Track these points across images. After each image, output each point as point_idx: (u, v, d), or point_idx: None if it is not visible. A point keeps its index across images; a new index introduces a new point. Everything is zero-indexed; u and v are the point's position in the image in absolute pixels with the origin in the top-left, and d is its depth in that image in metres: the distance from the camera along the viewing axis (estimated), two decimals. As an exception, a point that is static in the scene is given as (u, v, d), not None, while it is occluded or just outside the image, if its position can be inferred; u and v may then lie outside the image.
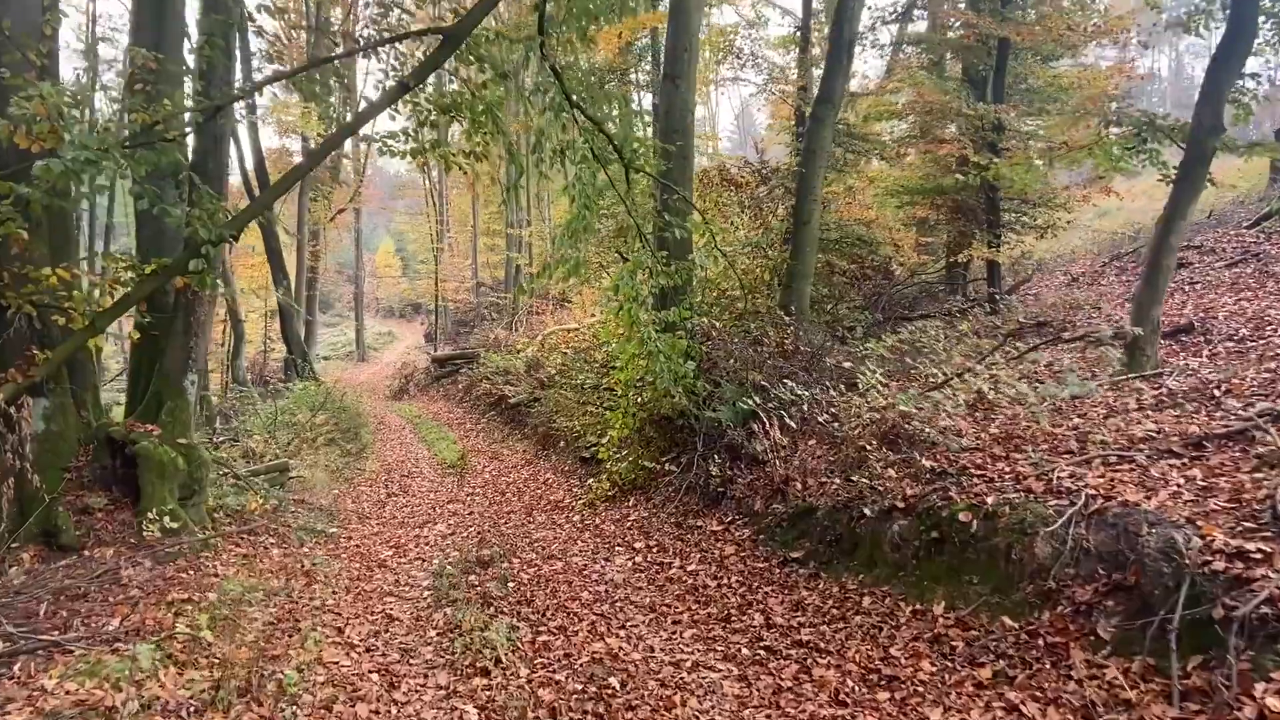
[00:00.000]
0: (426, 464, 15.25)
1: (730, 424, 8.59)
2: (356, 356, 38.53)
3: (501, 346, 23.72)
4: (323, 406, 17.44)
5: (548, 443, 14.52)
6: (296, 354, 23.07)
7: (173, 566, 6.68)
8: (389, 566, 8.24)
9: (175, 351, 7.49)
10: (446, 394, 24.15)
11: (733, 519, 7.65)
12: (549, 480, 12.20)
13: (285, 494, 10.33)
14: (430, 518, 10.81)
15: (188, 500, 7.46)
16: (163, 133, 6.90)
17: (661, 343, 8.70)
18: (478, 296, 34.87)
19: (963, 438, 6.58)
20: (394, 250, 56.40)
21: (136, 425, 7.34)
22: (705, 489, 8.26)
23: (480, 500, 11.70)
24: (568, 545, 8.16)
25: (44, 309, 6.76)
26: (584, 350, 15.99)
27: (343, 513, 10.85)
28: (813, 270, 11.71)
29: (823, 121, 11.56)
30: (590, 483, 10.70)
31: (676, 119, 11.38)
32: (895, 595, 5.58)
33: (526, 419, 16.74)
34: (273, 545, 8.11)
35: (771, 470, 7.55)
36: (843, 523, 6.39)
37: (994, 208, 14.46)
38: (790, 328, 9.88)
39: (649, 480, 9.57)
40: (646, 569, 7.08)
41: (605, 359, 14.64)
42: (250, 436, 14.26)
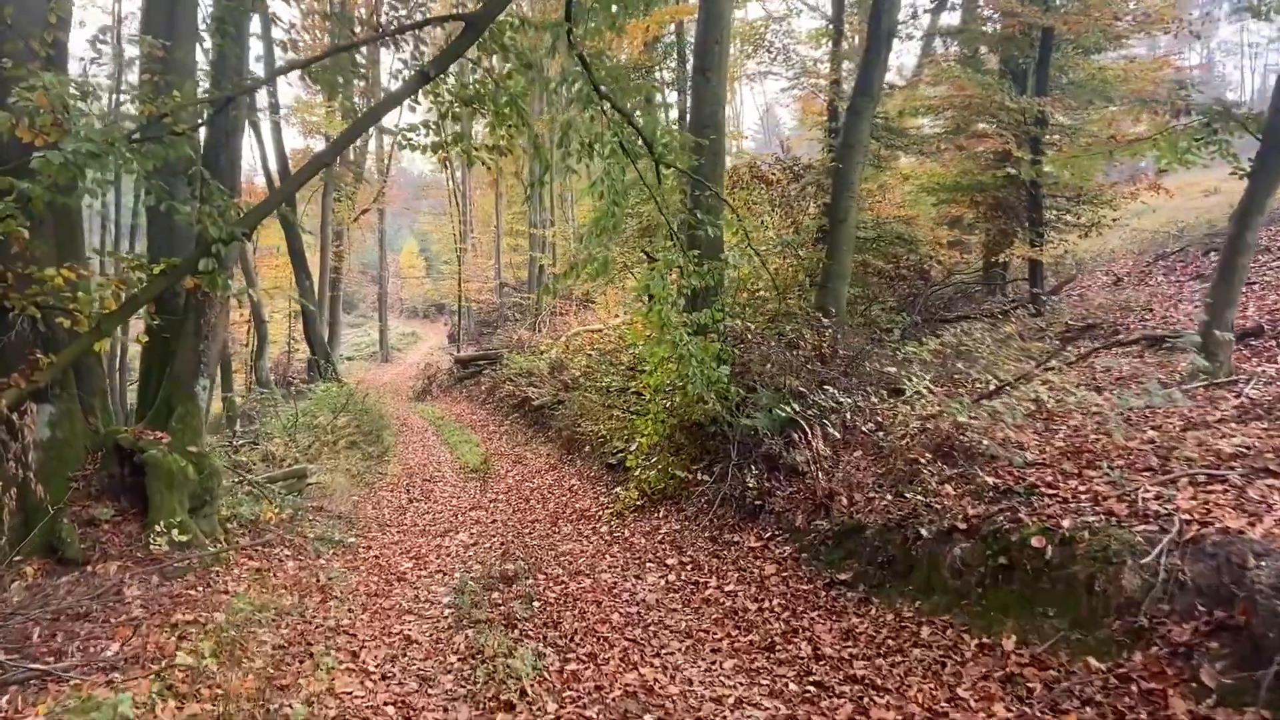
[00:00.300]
0: (449, 468, 14.87)
1: (767, 432, 8.09)
2: (380, 357, 38.35)
3: (525, 347, 23.33)
4: (344, 408, 17.12)
5: (572, 447, 14.08)
6: (319, 355, 22.82)
7: (180, 583, 6.30)
8: (408, 580, 7.82)
9: (186, 355, 7.12)
10: (469, 395, 23.81)
11: (772, 535, 7.15)
12: (574, 487, 11.75)
13: (303, 501, 9.96)
14: (452, 526, 10.40)
15: (199, 511, 7.08)
16: (171, 125, 6.54)
17: (694, 346, 8.23)
18: (501, 297, 34.55)
19: (1026, 451, 6.03)
20: (418, 251, 56.28)
21: (145, 432, 6.97)
22: (741, 501, 7.76)
23: (503, 507, 11.27)
24: (596, 560, 7.69)
25: (48, 311, 6.41)
26: (610, 352, 15.52)
27: (362, 520, 10.47)
28: (850, 270, 11.17)
29: (860, 114, 11.02)
30: (618, 491, 10.23)
31: (707, 113, 10.90)
32: (958, 626, 5.06)
33: (550, 422, 16.32)
34: (288, 557, 7.71)
35: (813, 483, 7.05)
36: (895, 543, 5.87)
37: (1036, 205, 13.83)
38: (828, 330, 9.36)
39: (680, 490, 9.09)
40: (681, 589, 6.60)
41: (632, 361, 14.18)
42: (270, 440, 13.95)
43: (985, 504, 5.48)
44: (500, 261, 37.21)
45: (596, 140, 7.75)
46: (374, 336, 41.24)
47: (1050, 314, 12.35)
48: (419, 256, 55.80)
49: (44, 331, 6.44)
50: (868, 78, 10.98)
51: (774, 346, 9.09)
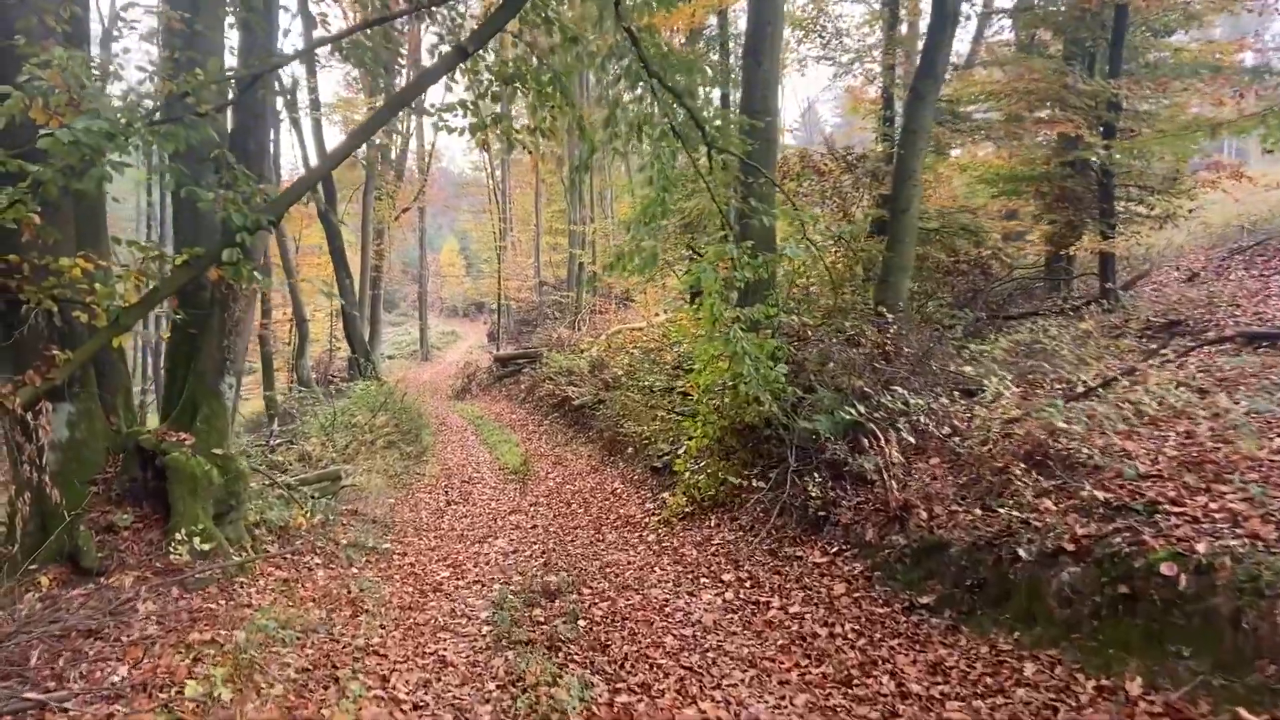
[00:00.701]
0: (488, 468, 14.39)
1: (829, 436, 7.42)
2: (420, 356, 38.19)
3: (564, 346, 22.84)
4: (383, 407, 16.74)
5: (614, 448, 13.51)
6: (359, 353, 22.54)
7: (201, 595, 5.82)
8: (444, 591, 7.30)
9: (210, 351, 6.65)
10: (509, 394, 23.39)
11: (839, 549, 6.47)
12: (618, 491, 11.16)
13: (336, 504, 9.51)
14: (491, 531, 9.87)
15: (224, 516, 6.62)
16: (194, 105, 6.07)
17: (747, 343, 7.59)
18: (540, 295, 34.14)
19: (1135, 461, 5.29)
20: (458, 250, 56.22)
21: (168, 433, 6.52)
22: (803, 511, 7.10)
23: (544, 511, 10.73)
24: (644, 573, 7.09)
25: (66, 304, 5.97)
26: (653, 350, 14.90)
27: (398, 524, 9.99)
28: (912, 263, 10.43)
29: (924, 98, 10.26)
30: (665, 497, 9.62)
31: (759, 98, 10.24)
32: (1069, 664, 4.36)
33: (591, 422, 15.78)
34: (318, 566, 7.23)
35: (885, 493, 6.36)
36: (986, 564, 5.17)
37: (1108, 194, 12.91)
38: (893, 327, 8.64)
39: (732, 497, 8.45)
40: (740, 608, 5.96)
41: (676, 360, 13.56)
42: (307, 439, 13.59)
43: (1096, 522, 4.76)
44: (540, 260, 36.79)
45: (645, 122, 7.16)
46: (414, 335, 41.12)
47: (1126, 310, 11.47)
48: (459, 255, 55.73)
49: (60, 326, 6.00)
50: (931, 59, 10.22)
51: (835, 344, 8.40)
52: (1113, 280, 13.10)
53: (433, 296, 49.52)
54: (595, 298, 29.46)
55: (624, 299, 31.05)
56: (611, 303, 29.85)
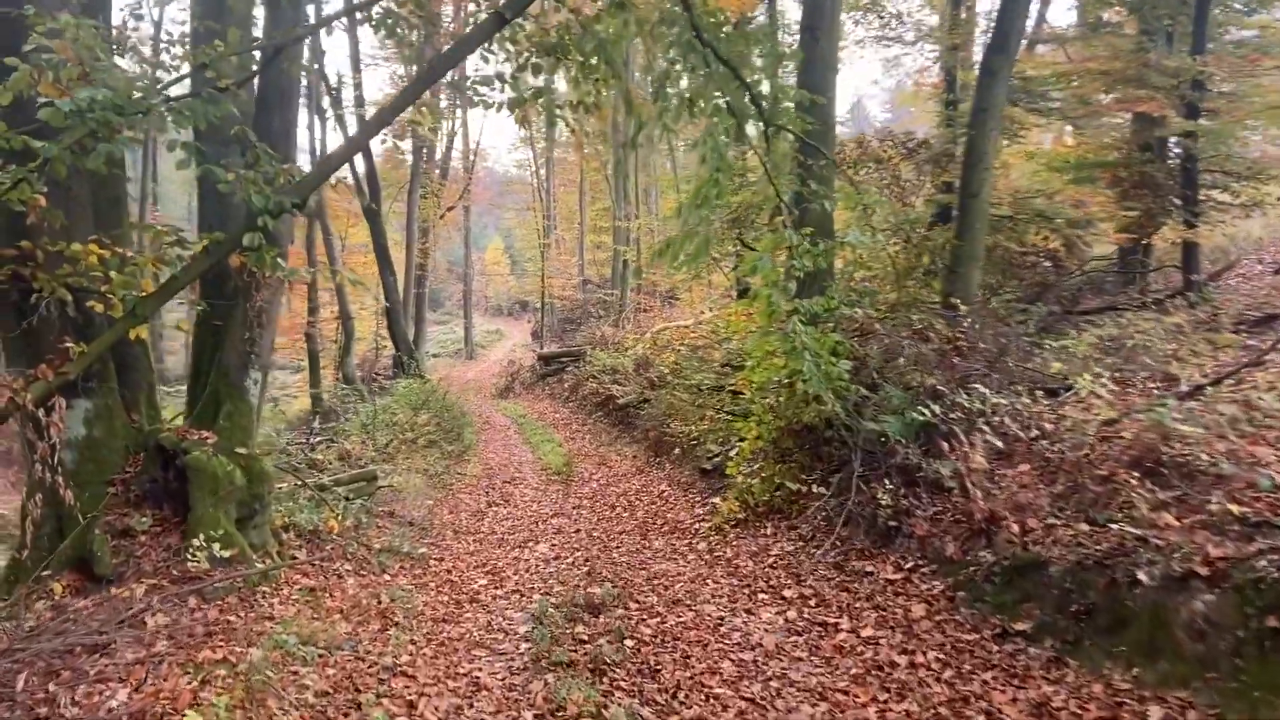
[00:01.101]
0: (530, 468, 13.91)
1: (900, 438, 6.72)
2: (465, 354, 38.06)
3: (608, 344, 22.32)
4: (425, 405, 16.37)
5: (660, 448, 12.91)
6: (403, 351, 22.29)
7: (219, 606, 5.36)
8: (481, 601, 6.77)
9: (234, 345, 6.21)
10: (552, 392, 22.96)
11: (914, 565, 5.78)
12: (665, 494, 10.56)
13: (372, 505, 9.06)
14: (532, 535, 9.35)
15: (248, 520, 6.17)
16: (214, 80, 5.63)
17: (808, 337, 6.93)
18: (584, 293, 33.70)
19: (1270, 470, 4.53)
20: (503, 248, 56.13)
21: (190, 431, 6.10)
22: (872, 521, 6.41)
23: (587, 515, 10.18)
24: (696, 586, 6.47)
25: (81, 294, 5.57)
26: (700, 348, 14.24)
27: (436, 527, 9.52)
28: (983, 252, 9.65)
29: (996, 75, 9.48)
30: (716, 502, 8.98)
31: (816, 77, 9.55)
32: (1204, 708, 3.64)
33: (636, 421, 15.21)
34: (348, 573, 6.76)
35: (968, 502, 5.65)
36: (1096, 587, 4.45)
37: (1191, 180, 11.95)
38: (967, 320, 7.90)
39: (789, 503, 7.79)
40: (805, 630, 5.31)
41: (725, 357, 12.92)
42: (348, 437, 13.24)
43: (1233, 541, 4.02)
44: (584, 258, 36.38)
45: (698, 96, 6.55)
46: (459, 334, 41.02)
47: (1214, 304, 10.52)
48: (504, 254, 55.64)
49: (75, 317, 5.61)
50: (1004, 32, 9.43)
51: (905, 339, 7.68)
52: (1196, 272, 12.13)
53: (477, 295, 49.47)
54: (640, 295, 28.90)
55: (669, 296, 30.43)
56: (656, 300, 29.26)
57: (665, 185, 31.52)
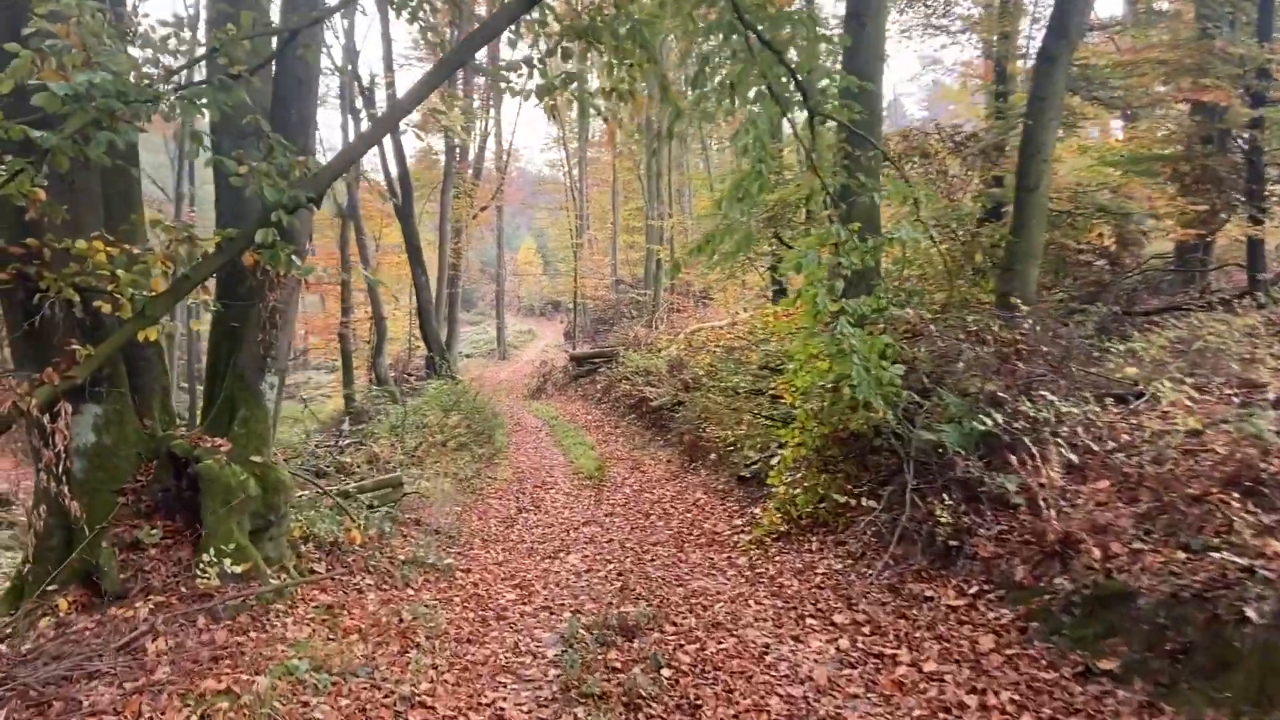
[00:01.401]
0: (561, 472, 13.51)
1: (958, 449, 6.18)
2: (497, 354, 37.89)
3: (641, 345, 21.90)
4: (455, 407, 16.06)
5: (696, 453, 12.44)
6: (435, 352, 22.04)
7: (229, 626, 5.01)
8: (508, 619, 6.36)
9: (249, 347, 5.87)
10: (584, 394, 22.59)
11: (979, 590, 5.25)
12: (700, 502, 10.08)
13: (398, 513, 8.71)
14: (563, 544, 8.94)
15: (263, 532, 5.82)
16: (226, 66, 5.28)
17: (857, 339, 6.42)
18: (617, 293, 33.32)
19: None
20: (535, 249, 55.98)
21: (203, 438, 5.76)
22: (929, 540, 5.88)
23: (620, 523, 9.73)
24: (738, 607, 5.99)
25: (88, 293, 5.25)
26: (737, 349, 13.71)
27: (464, 535, 9.15)
28: (1041, 250, 9.03)
29: (1055, 61, 8.86)
30: (755, 512, 8.51)
31: (861, 65, 8.99)
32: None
33: (670, 424, 14.76)
34: (369, 588, 6.38)
35: (1039, 522, 5.11)
36: (1194, 623, 3.91)
37: (1258, 174, 11.20)
38: (1028, 320, 7.33)
39: (835, 516, 7.28)
40: (860, 662, 4.82)
41: (763, 360, 12.41)
42: (376, 440, 12.94)
43: (1369, 579, 3.47)
44: (616, 258, 36.01)
45: (740, 82, 6.08)
46: (492, 334, 40.87)
47: None
48: (536, 254, 55.49)
49: (83, 318, 5.29)
50: (1064, 16, 8.81)
51: (963, 341, 7.14)
52: (1263, 270, 11.39)
53: (510, 295, 49.35)
54: (673, 295, 28.45)
55: (702, 297, 29.94)
56: (690, 301, 28.79)
57: (699, 184, 31.06)
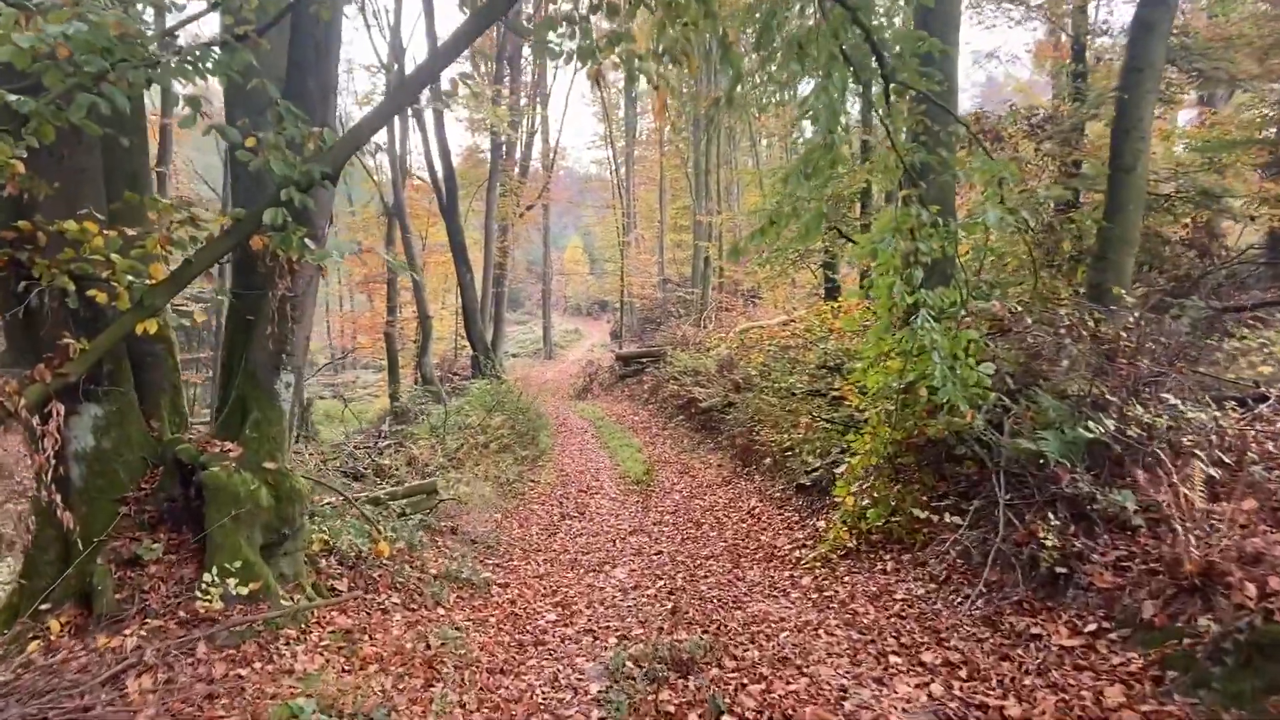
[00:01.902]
0: (607, 476, 12.83)
1: (1061, 460, 5.31)
2: (543, 354, 37.44)
3: (689, 344, 21.13)
4: (499, 407, 15.49)
5: (748, 458, 11.65)
6: (479, 351, 21.57)
7: (230, 657, 4.40)
8: (548, 645, 5.68)
9: (261, 342, 5.26)
10: (631, 394, 21.91)
11: (1097, 628, 4.39)
12: (756, 511, 9.29)
13: (433, 520, 8.10)
14: (609, 555, 8.25)
15: (277, 547, 5.21)
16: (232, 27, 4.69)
17: (939, 335, 5.60)
18: (664, 293, 32.57)
19: None
20: (581, 249, 55.49)
21: (212, 442, 5.18)
22: (1030, 565, 5.01)
23: (670, 533, 9.00)
24: (806, 638, 5.20)
25: (84, 281, 4.70)
26: (793, 348, 12.85)
27: (503, 545, 8.51)
28: (1138, 236, 8.05)
29: (1153, 28, 7.89)
30: (819, 525, 7.70)
31: (937, 29, 8.12)
32: None
33: (720, 426, 13.99)
34: (396, 607, 5.75)
35: (1171, 548, 4.24)
36: None
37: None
38: (1134, 314, 6.40)
39: (911, 532, 6.44)
40: (960, 715, 4.00)
41: (821, 359, 11.56)
42: (416, 441, 12.41)
43: None
44: (663, 257, 35.26)
45: (809, 42, 5.31)
46: (538, 334, 40.46)
47: None
48: (583, 254, 55.01)
49: (76, 309, 4.73)
50: (1163, -25, 7.85)
51: (1063, 337, 6.24)
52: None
53: (556, 295, 48.95)
54: (722, 295, 27.61)
55: (751, 296, 29.02)
56: (739, 300, 27.93)
57: (748, 179, 30.17)
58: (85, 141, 4.95)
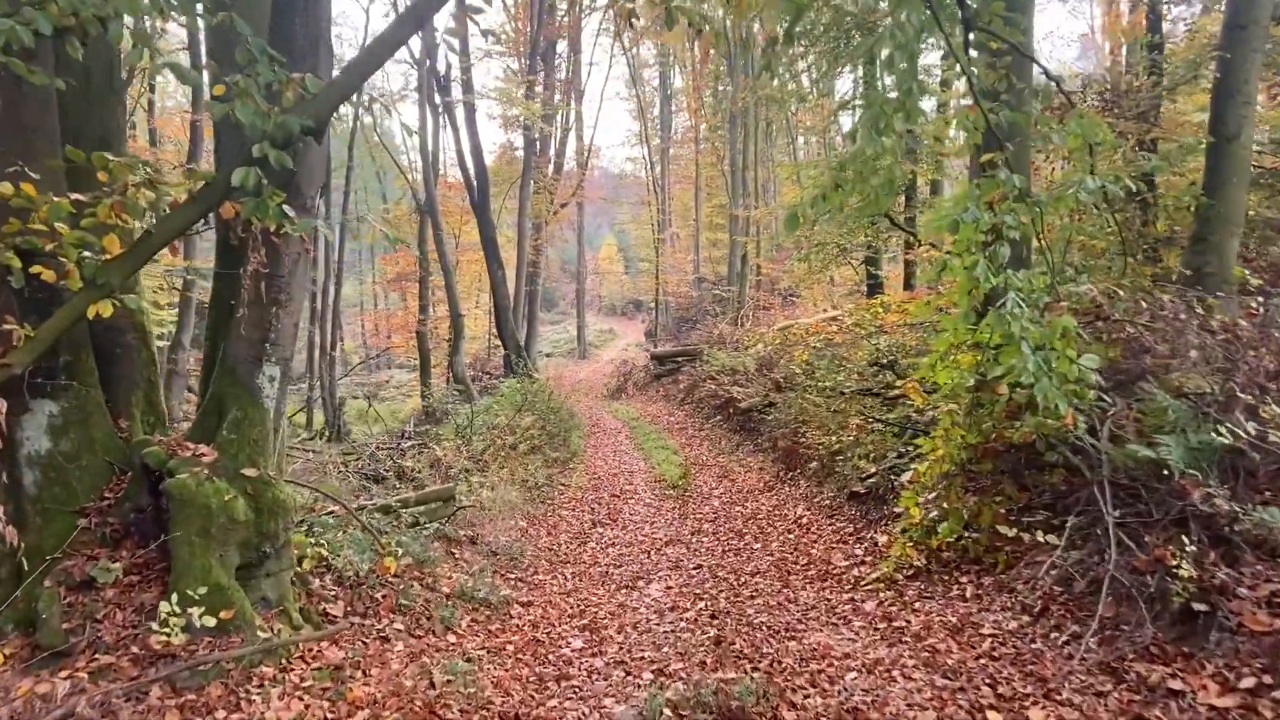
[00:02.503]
0: (642, 479, 11.99)
1: (1190, 470, 4.34)
2: (578, 354, 36.74)
3: (726, 343, 20.21)
4: (529, 406, 14.72)
5: (792, 461, 10.72)
6: (510, 349, 20.87)
7: (188, 703, 3.63)
8: (572, 678, 4.85)
9: (239, 330, 4.51)
10: (666, 394, 21.04)
11: (1256, 682, 3.44)
12: (804, 520, 8.38)
13: (450, 529, 7.33)
14: (643, 569, 7.42)
15: (258, 568, 4.45)
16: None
17: (1028, 321, 4.66)
18: (699, 291, 31.65)
19: None
20: (616, 248, 54.69)
21: (183, 445, 4.43)
22: (1158, 599, 4.06)
23: (710, 543, 8.14)
24: (879, 681, 4.30)
25: (33, 257, 3.97)
26: (841, 344, 11.82)
27: (528, 556, 7.71)
28: (1244, 214, 7.00)
29: (1261, -23, 6.85)
30: (879, 539, 6.78)
31: (1009, -9, 7.16)
32: None
33: (760, 427, 13.07)
34: (398, 635, 4.96)
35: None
36: None
37: None
38: (1257, 301, 5.40)
39: (990, 550, 5.51)
40: (1092, 802, 3.09)
41: (874, 355, 10.60)
42: (440, 442, 11.68)
43: None
44: (699, 255, 34.32)
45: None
46: (572, 333, 39.75)
47: None
48: (617, 253, 54.21)
49: (20, 289, 4.01)
50: (1273, -84, 6.80)
51: (1184, 325, 5.25)
52: None
53: (591, 294, 48.24)
54: (759, 293, 26.61)
55: (788, 294, 27.98)
56: (776, 298, 26.92)
57: (785, 176, 29.16)
58: (37, 96, 4.23)
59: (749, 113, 25.90)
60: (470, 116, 19.96)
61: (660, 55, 36.72)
